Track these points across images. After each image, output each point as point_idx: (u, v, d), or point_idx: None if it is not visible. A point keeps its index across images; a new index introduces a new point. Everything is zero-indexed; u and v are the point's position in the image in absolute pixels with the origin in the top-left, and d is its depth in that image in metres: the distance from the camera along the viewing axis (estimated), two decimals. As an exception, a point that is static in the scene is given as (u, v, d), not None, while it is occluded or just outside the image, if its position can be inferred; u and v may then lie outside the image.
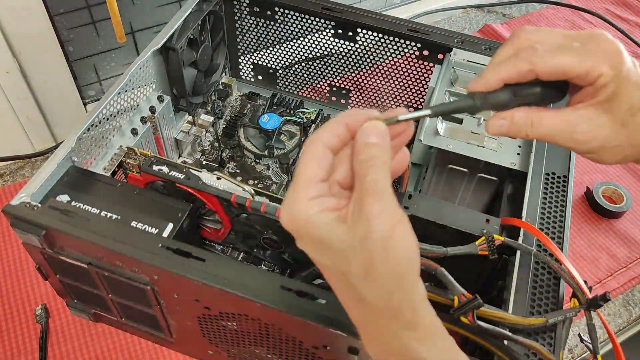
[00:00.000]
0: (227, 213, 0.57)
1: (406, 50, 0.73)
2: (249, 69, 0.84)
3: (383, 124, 0.31)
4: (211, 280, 0.46)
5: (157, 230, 0.51)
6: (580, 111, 0.36)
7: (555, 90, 0.36)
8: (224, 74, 0.83)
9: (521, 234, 0.51)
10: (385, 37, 0.72)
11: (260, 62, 0.83)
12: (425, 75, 0.75)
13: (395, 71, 0.76)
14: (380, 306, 0.30)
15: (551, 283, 0.48)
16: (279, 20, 0.76)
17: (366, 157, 0.30)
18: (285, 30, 0.77)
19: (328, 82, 0.82)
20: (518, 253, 0.50)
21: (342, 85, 0.81)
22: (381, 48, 0.74)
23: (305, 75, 0.82)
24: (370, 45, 0.74)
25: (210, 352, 0.61)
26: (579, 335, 0.52)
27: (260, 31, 0.78)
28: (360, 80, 0.80)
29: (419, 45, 0.72)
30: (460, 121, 0.65)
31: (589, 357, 0.48)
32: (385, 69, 0.77)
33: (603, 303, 0.45)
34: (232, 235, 0.62)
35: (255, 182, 0.73)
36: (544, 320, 0.45)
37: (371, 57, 0.76)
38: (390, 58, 0.75)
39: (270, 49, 0.80)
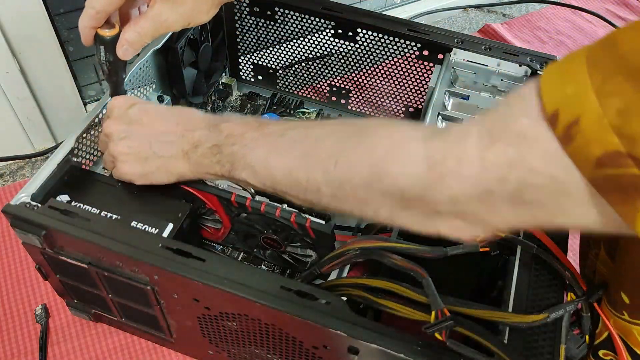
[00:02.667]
0: (227, 213, 0.57)
1: (406, 50, 0.73)
2: (249, 69, 0.84)
3: None
4: (211, 280, 0.46)
5: (157, 230, 0.51)
6: (156, 6, 0.50)
7: None
8: (224, 74, 0.83)
9: (521, 234, 0.51)
10: (385, 37, 0.72)
11: (260, 62, 0.83)
12: (425, 75, 0.75)
13: (395, 71, 0.76)
14: None
15: (552, 282, 0.48)
16: (279, 20, 0.76)
17: None
18: (285, 30, 0.77)
19: (328, 82, 0.82)
20: (518, 252, 0.50)
21: (342, 85, 0.81)
22: (381, 48, 0.74)
23: (305, 75, 0.82)
24: (370, 45, 0.74)
25: (210, 352, 0.61)
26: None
27: (260, 31, 0.78)
28: (360, 80, 0.80)
29: (419, 45, 0.72)
30: (460, 121, 0.65)
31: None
32: (385, 69, 0.77)
33: (601, 293, 0.45)
34: (232, 235, 0.62)
35: (255, 182, 0.73)
36: (545, 316, 0.44)
37: (371, 57, 0.76)
38: (390, 58, 0.75)
39: (270, 49, 0.80)
